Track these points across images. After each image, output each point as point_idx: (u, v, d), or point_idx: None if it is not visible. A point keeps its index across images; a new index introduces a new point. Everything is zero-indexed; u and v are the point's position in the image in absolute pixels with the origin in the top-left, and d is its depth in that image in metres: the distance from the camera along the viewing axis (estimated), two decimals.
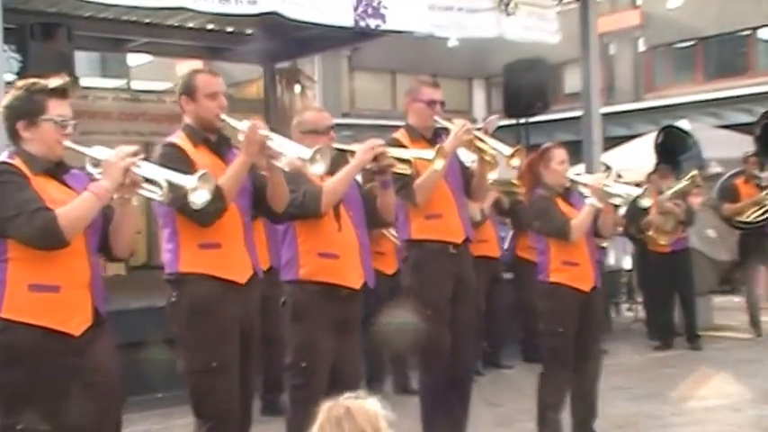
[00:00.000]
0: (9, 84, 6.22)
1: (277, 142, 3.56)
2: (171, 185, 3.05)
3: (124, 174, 2.97)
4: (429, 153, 4.32)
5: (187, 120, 3.75)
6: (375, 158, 4.00)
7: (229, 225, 3.63)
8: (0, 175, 2.94)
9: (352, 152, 4.05)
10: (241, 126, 3.58)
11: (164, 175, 3.05)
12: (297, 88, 11.49)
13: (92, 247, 3.09)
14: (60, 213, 2.90)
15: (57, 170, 3.09)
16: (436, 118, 4.69)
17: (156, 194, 3.04)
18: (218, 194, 3.41)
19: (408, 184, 4.56)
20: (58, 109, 3.06)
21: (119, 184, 2.98)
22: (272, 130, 3.62)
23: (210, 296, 3.57)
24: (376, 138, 4.20)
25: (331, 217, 4.01)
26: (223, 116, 3.69)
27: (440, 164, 4.29)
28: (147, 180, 3.03)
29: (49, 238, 2.89)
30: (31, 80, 3.09)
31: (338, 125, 4.50)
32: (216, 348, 3.56)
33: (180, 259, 3.61)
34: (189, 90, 3.74)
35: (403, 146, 4.57)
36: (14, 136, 3.06)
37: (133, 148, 3.05)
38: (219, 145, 3.77)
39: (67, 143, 3.06)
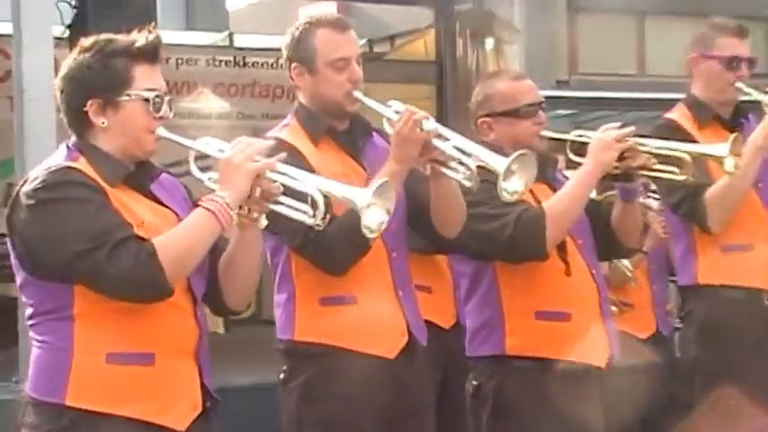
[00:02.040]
0: (59, 40, 6.64)
1: (451, 140, 3.64)
2: (327, 201, 3.10)
3: (254, 180, 3.02)
4: (718, 148, 4.26)
5: (302, 99, 3.89)
6: (621, 156, 4.04)
7: (371, 268, 3.76)
8: (64, 188, 2.99)
9: (582, 144, 4.12)
10: (388, 112, 3.67)
11: (317, 183, 3.11)
12: (488, 43, 11.43)
13: (197, 294, 3.17)
14: (160, 245, 2.94)
15: (140, 176, 3.16)
16: (739, 85, 4.66)
17: (306, 214, 3.09)
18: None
19: (694, 197, 4.54)
20: (147, 80, 3.11)
21: (245, 196, 3.03)
22: (445, 115, 3.67)
23: (337, 376, 3.73)
24: (613, 120, 4.25)
25: (553, 253, 4.07)
26: (358, 94, 3.79)
27: (731, 164, 4.22)
28: (286, 192, 3.10)
29: (146, 286, 2.94)
30: (106, 36, 3.14)
31: (549, 100, 4.55)
32: None
33: (295, 321, 3.80)
34: (303, 55, 3.83)
35: (684, 132, 4.58)
36: (80, 124, 3.12)
37: (267, 141, 3.14)
38: (353, 138, 3.89)
39: (162, 131, 3.13)
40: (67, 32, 7.37)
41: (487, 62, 11.25)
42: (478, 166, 3.63)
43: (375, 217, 3.16)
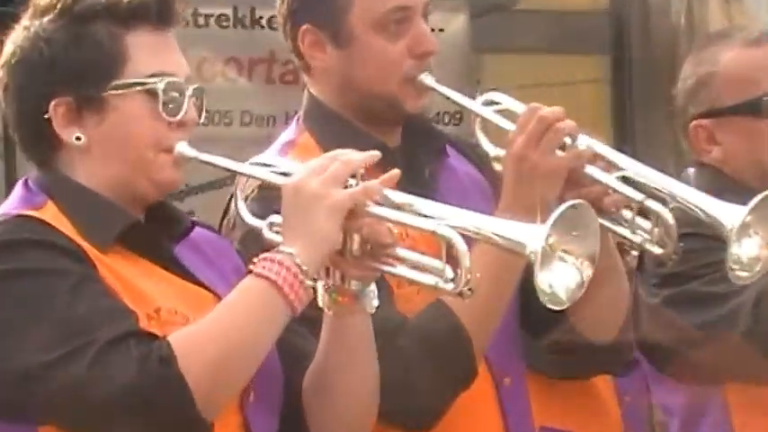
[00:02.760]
0: None
1: (623, 168, 3.47)
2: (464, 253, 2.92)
3: (348, 221, 2.77)
4: None
5: (316, 91, 3.66)
6: None
7: (468, 407, 3.52)
8: (20, 253, 2.74)
9: None
10: (487, 112, 3.47)
11: (457, 220, 2.92)
12: None
13: None
14: (181, 345, 2.66)
15: (154, 231, 2.98)
16: None
17: (441, 277, 2.83)
18: (460, 340, 3.45)
19: None
20: (152, 59, 2.91)
21: (332, 250, 2.76)
22: (628, 111, 3.61)
23: None
24: None
25: None
26: (427, 79, 3.51)
27: None
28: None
29: (159, 416, 2.66)
30: None
31: None
32: None
33: None
34: (322, 9, 3.55)
35: None
36: (41, 143, 2.95)
37: (371, 153, 2.91)
38: (416, 161, 3.60)
39: (184, 148, 2.91)
40: None
41: (706, 16, 10.45)
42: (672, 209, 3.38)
43: (563, 275, 2.84)
